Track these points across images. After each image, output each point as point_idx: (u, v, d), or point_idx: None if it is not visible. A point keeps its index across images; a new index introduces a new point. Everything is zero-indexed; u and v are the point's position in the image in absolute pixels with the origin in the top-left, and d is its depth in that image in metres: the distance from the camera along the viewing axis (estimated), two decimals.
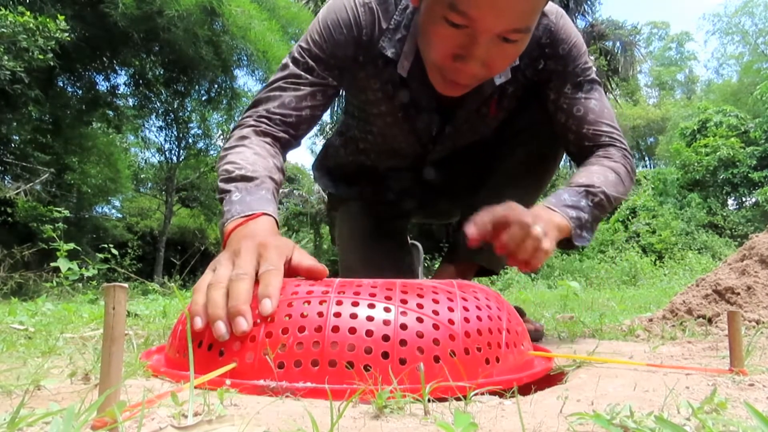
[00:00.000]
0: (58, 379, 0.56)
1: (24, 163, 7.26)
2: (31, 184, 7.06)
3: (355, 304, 0.55)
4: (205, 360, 0.56)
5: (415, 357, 0.52)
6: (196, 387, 0.47)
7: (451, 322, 0.56)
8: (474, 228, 0.76)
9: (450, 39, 0.79)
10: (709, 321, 1.13)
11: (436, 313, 0.56)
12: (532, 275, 9.94)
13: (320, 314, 0.54)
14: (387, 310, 0.55)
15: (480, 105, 1.04)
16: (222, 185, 0.82)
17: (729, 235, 11.01)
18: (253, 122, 0.92)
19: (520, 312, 1.08)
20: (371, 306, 0.55)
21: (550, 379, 0.65)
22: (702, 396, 0.48)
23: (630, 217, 12.18)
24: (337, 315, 0.54)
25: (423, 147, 1.13)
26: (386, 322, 0.53)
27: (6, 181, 7.53)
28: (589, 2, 11.88)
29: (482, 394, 0.51)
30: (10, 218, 6.76)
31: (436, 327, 0.55)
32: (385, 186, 1.29)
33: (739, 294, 1.17)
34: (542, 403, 0.47)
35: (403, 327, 0.53)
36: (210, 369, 0.52)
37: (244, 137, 0.89)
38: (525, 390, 0.57)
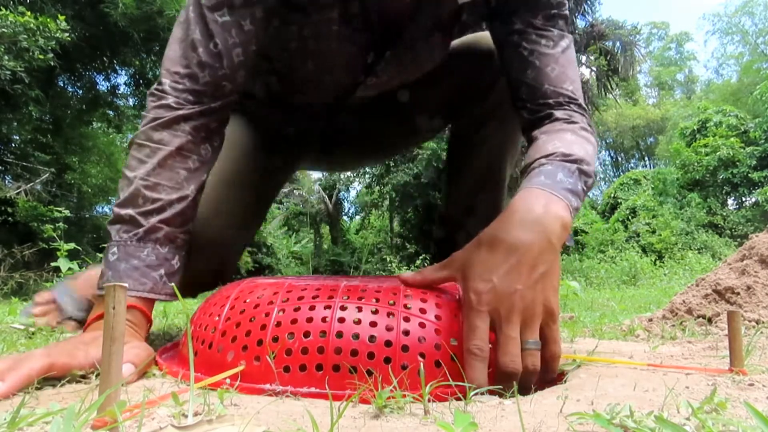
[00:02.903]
0: (58, 379, 0.56)
1: (24, 163, 7.26)
2: (31, 184, 7.05)
3: (360, 309, 0.56)
4: (215, 361, 0.57)
5: (417, 362, 0.52)
6: (202, 387, 0.48)
7: (453, 326, 0.56)
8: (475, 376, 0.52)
9: None
10: (709, 321, 1.13)
11: (438, 317, 0.56)
12: None
13: (324, 319, 0.55)
14: (390, 314, 0.55)
15: (432, 27, 0.88)
16: (109, 225, 0.68)
17: (729, 235, 11.01)
18: (181, 92, 0.72)
19: None
20: (375, 312, 0.55)
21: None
22: (702, 396, 0.48)
23: (630, 217, 12.18)
24: (342, 320, 0.54)
25: (353, 77, 0.92)
26: (389, 328, 0.54)
27: (6, 181, 7.53)
28: (589, 2, 11.87)
29: (482, 394, 0.51)
30: (10, 218, 6.75)
31: (438, 332, 0.55)
32: (288, 117, 1.04)
33: (739, 294, 1.17)
34: (542, 403, 0.47)
35: (406, 333, 0.54)
36: (218, 371, 0.53)
37: (161, 127, 0.71)
38: (525, 390, 0.57)
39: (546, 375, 0.56)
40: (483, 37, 1.00)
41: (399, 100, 1.03)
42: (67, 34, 5.51)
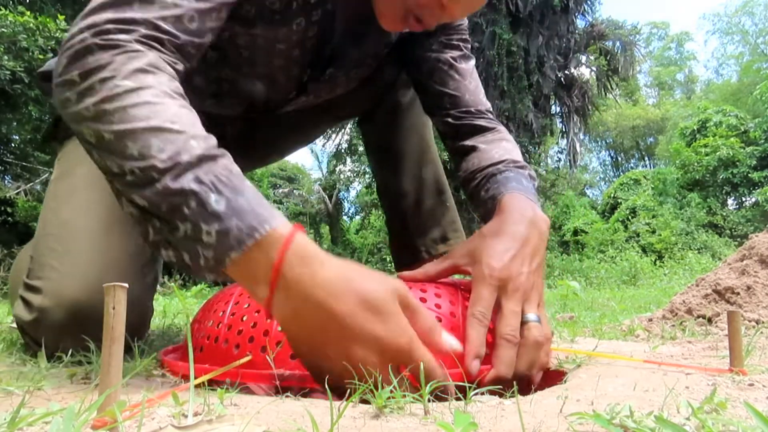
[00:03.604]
0: (58, 379, 0.56)
1: (24, 163, 7.26)
2: (31, 184, 7.06)
3: None
4: (220, 354, 0.58)
5: None
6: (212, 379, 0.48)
7: (452, 314, 0.60)
8: (477, 363, 0.56)
9: None
10: (709, 321, 1.14)
11: (438, 306, 0.60)
12: None
13: None
14: None
15: (373, 53, 0.94)
16: (167, 180, 0.48)
17: (729, 235, 11.02)
18: (142, 42, 0.56)
19: None
20: None
21: (550, 378, 0.65)
22: (702, 396, 0.48)
23: (630, 217, 12.18)
24: None
25: (285, 93, 0.92)
26: None
27: (6, 181, 7.53)
28: (589, 2, 11.87)
29: (482, 393, 0.51)
30: (10, 218, 6.76)
31: (438, 320, 0.58)
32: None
33: (738, 294, 1.17)
34: (542, 403, 0.47)
35: None
36: (226, 362, 0.53)
37: (145, 70, 0.54)
38: (525, 390, 0.57)
39: (540, 359, 0.60)
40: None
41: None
42: (66, 34, 5.51)
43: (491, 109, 0.93)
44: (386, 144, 1.12)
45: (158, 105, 0.51)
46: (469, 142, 0.88)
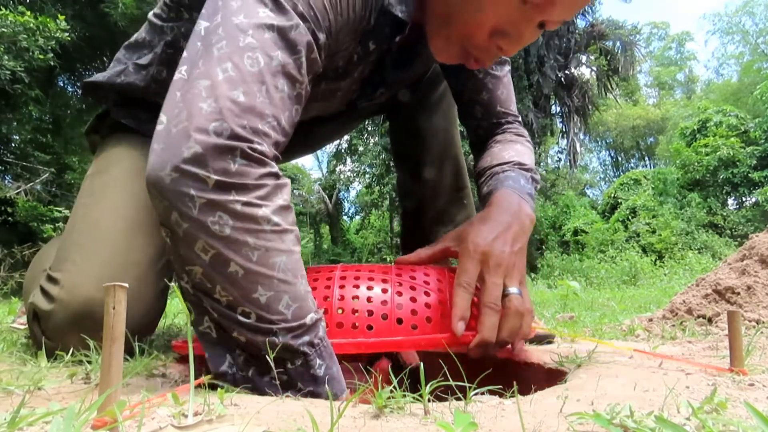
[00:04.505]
0: (59, 379, 0.56)
1: (24, 163, 7.26)
2: (31, 184, 7.06)
3: (367, 284, 0.68)
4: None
5: (410, 318, 0.64)
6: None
7: (440, 290, 0.68)
8: (462, 324, 0.64)
9: (506, 11, 0.68)
10: (709, 321, 1.13)
11: (427, 283, 0.68)
12: (532, 275, 9.93)
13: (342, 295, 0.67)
14: (385, 282, 0.68)
15: (425, 69, 0.97)
16: (288, 338, 0.51)
17: (729, 235, 11.02)
18: (274, 156, 0.55)
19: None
20: (373, 284, 0.68)
21: (550, 378, 0.65)
22: (702, 396, 0.48)
23: (630, 217, 12.18)
24: (356, 288, 0.67)
25: (336, 109, 0.95)
26: (384, 291, 0.67)
27: (6, 181, 7.53)
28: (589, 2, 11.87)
29: (482, 393, 0.51)
30: (10, 218, 6.76)
31: (427, 294, 0.67)
32: None
33: (739, 294, 1.17)
34: (542, 403, 0.47)
35: (399, 294, 0.67)
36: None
37: (287, 207, 0.54)
38: (525, 390, 0.57)
39: (521, 328, 0.67)
40: None
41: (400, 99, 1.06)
42: (67, 34, 5.51)
43: (517, 113, 0.98)
44: (412, 132, 1.12)
45: (294, 255, 0.54)
46: (489, 143, 0.95)
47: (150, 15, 0.89)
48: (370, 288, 0.67)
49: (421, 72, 0.98)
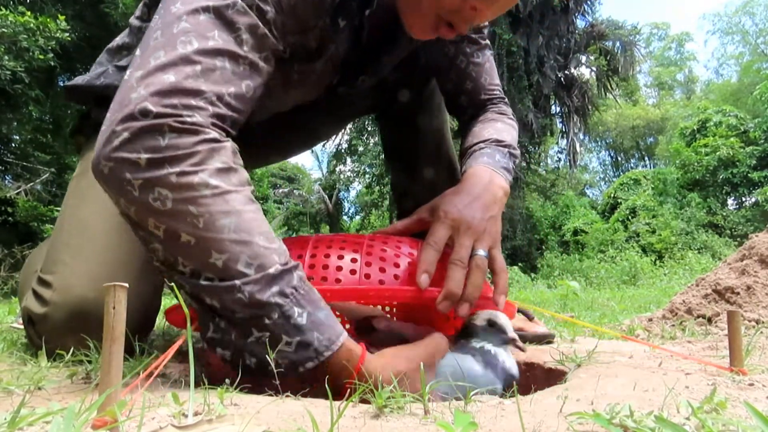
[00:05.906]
0: (59, 379, 0.56)
1: (24, 163, 7.26)
2: (31, 184, 7.06)
3: (338, 252, 0.69)
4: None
5: (378, 275, 0.66)
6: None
7: (411, 255, 0.71)
8: (426, 277, 0.65)
9: None
10: (709, 321, 1.13)
11: (398, 247, 0.72)
12: (532, 275, 9.93)
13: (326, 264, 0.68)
14: (356, 251, 0.70)
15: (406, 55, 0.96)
16: (253, 292, 0.51)
17: (729, 235, 11.01)
18: (216, 126, 0.55)
19: (528, 315, 1.07)
20: (344, 253, 0.69)
21: (550, 378, 0.65)
22: (702, 395, 0.48)
23: (630, 217, 12.17)
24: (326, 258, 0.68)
25: (315, 95, 0.92)
26: (354, 260, 0.68)
27: (6, 181, 7.53)
28: (589, 2, 11.87)
29: (482, 393, 0.51)
30: (10, 218, 6.76)
31: (397, 256, 0.70)
32: None
33: (738, 294, 1.17)
34: (542, 403, 0.47)
35: (369, 253, 0.69)
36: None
37: (229, 169, 0.54)
38: (525, 390, 0.57)
39: (498, 288, 0.69)
40: None
41: (399, 100, 1.06)
42: (67, 34, 5.51)
43: (500, 92, 1.01)
44: (405, 132, 1.12)
45: (244, 214, 0.53)
46: (471, 123, 0.97)
47: (131, 19, 0.89)
48: (340, 257, 0.68)
49: (401, 57, 0.96)
